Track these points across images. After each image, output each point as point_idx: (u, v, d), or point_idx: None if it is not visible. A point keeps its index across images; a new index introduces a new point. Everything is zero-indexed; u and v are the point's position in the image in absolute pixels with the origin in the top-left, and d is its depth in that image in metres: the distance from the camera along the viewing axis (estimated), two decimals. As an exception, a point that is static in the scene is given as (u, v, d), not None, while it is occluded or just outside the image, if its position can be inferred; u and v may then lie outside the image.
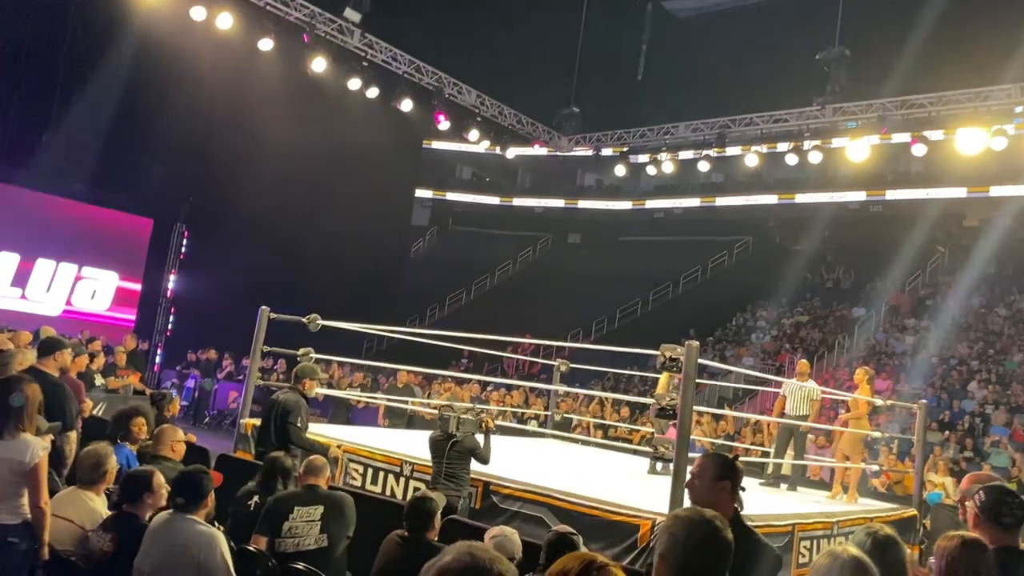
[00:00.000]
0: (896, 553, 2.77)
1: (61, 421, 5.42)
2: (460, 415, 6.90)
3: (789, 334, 23.70)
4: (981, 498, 3.20)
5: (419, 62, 17.28)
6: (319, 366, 8.56)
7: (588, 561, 1.77)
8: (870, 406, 9.75)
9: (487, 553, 1.59)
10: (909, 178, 26.62)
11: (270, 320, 9.32)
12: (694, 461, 3.77)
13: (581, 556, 1.82)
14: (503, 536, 4.39)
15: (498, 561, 1.57)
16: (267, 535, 5.03)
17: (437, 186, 33.94)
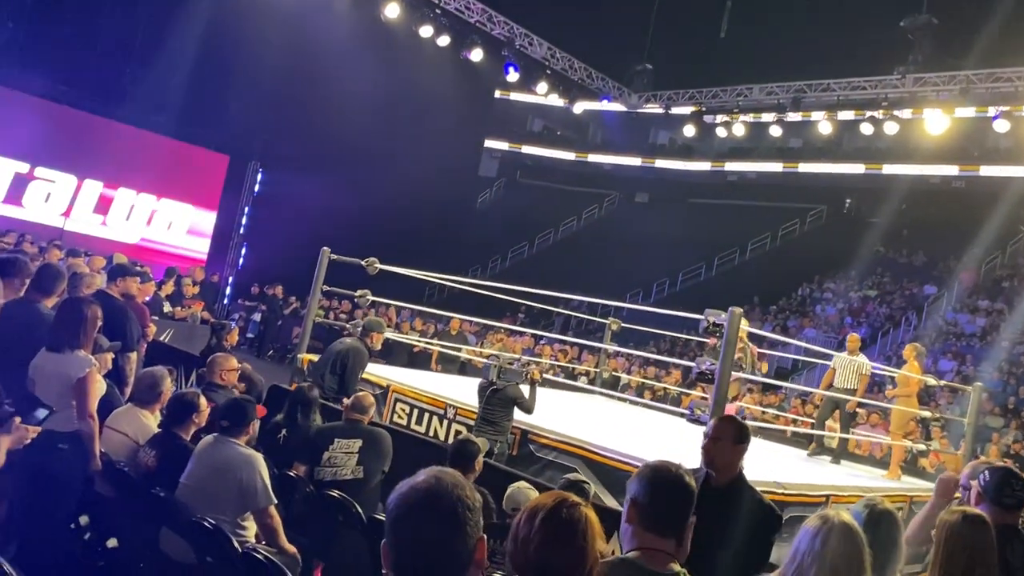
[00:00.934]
0: (890, 529, 2.83)
1: (122, 342, 5.77)
2: (503, 365, 7.10)
3: (855, 308, 23.22)
4: (986, 478, 3.22)
5: (491, 11, 17.21)
6: (382, 318, 8.84)
7: (560, 499, 1.91)
8: (919, 383, 9.61)
9: (452, 478, 1.74)
10: (997, 154, 25.46)
11: (333, 261, 9.64)
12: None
13: (555, 494, 1.96)
14: (515, 488, 4.58)
15: (460, 487, 1.72)
16: (307, 463, 5.34)
17: (507, 137, 33.86)
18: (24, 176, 17.61)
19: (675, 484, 2.37)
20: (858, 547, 2.45)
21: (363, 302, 11.46)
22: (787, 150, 29.11)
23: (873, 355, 19.48)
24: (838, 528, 2.50)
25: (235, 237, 21.50)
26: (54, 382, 4.37)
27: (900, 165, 26.17)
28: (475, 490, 1.81)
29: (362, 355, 7.71)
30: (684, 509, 2.35)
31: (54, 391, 4.29)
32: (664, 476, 2.38)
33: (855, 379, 9.33)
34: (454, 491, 1.71)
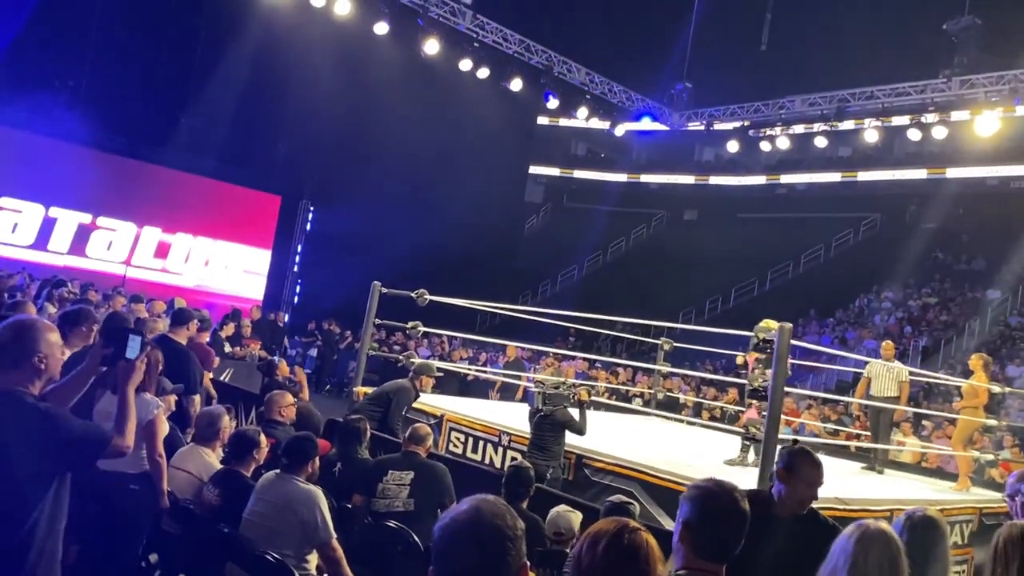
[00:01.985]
0: (930, 537, 2.77)
1: (184, 384, 5.97)
2: (548, 390, 7.13)
3: (915, 317, 22.67)
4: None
5: (528, 41, 17.45)
6: (432, 361, 8.98)
7: (622, 525, 1.94)
8: (987, 394, 9.35)
9: (493, 507, 1.79)
10: (1055, 152, 24.75)
11: (384, 294, 9.82)
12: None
13: (615, 520, 1.99)
14: (556, 512, 4.59)
15: (500, 516, 1.77)
16: (364, 494, 5.43)
17: (552, 163, 34.06)
18: (87, 226, 18.34)
19: (728, 510, 2.31)
20: (893, 555, 2.42)
21: (415, 333, 11.61)
22: (839, 159, 28.71)
23: (936, 365, 18.98)
24: (874, 535, 2.48)
25: (290, 275, 21.98)
26: None
27: (958, 168, 25.60)
28: (522, 516, 1.85)
29: (408, 394, 7.98)
30: (737, 536, 2.29)
31: None
32: (716, 500, 2.32)
33: (894, 386, 9.17)
34: (494, 520, 1.76)
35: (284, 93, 19.25)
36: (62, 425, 2.79)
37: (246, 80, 18.08)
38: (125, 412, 3.04)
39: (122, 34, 16.70)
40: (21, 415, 2.74)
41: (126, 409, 3.05)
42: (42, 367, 2.86)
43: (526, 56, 17.55)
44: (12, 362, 2.82)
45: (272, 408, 5.91)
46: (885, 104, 17.39)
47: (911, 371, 9.78)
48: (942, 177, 26.25)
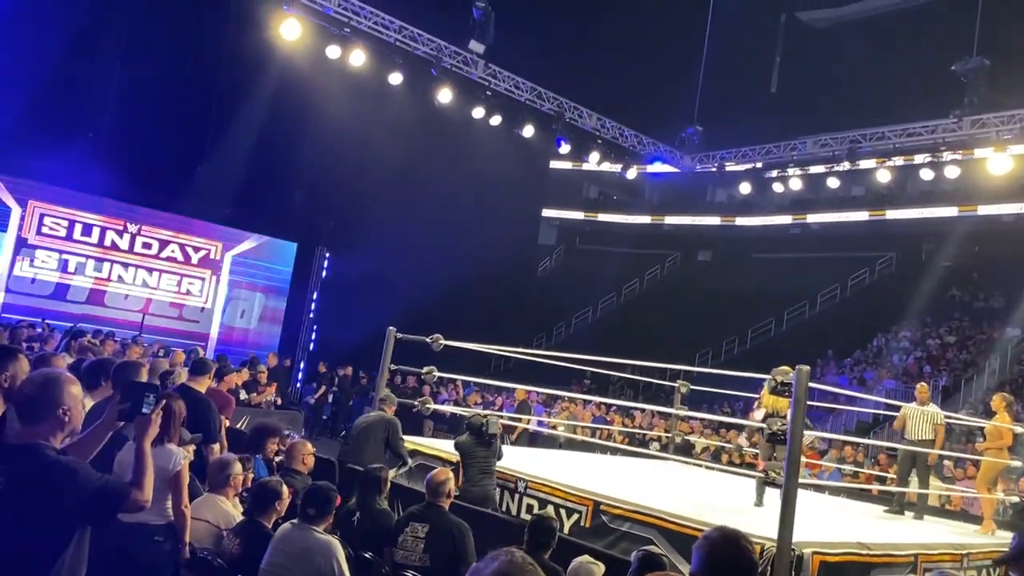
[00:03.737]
0: None
1: (205, 434, 5.99)
2: (487, 418, 7.74)
3: (934, 356, 22.45)
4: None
5: (540, 88, 17.70)
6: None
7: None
8: (1011, 435, 9.22)
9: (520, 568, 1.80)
10: (1072, 188, 24.66)
11: (399, 339, 9.86)
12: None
13: None
14: (578, 563, 4.54)
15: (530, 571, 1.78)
16: (388, 544, 5.39)
17: (564, 205, 34.28)
18: (105, 276, 18.56)
19: (735, 560, 2.33)
20: None
21: (429, 379, 11.62)
22: (852, 199, 28.67)
23: (957, 404, 18.75)
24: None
25: (306, 321, 22.10)
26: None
27: (971, 206, 25.53)
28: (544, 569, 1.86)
29: (396, 421, 8.52)
30: None
31: None
32: (722, 550, 2.34)
33: (929, 429, 9.04)
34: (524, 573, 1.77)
35: (300, 142, 19.59)
36: (82, 480, 2.81)
37: (262, 129, 18.43)
38: (142, 466, 3.06)
39: (141, 84, 17.08)
40: (43, 469, 2.77)
41: (143, 463, 3.07)
42: (65, 420, 2.90)
43: (538, 103, 17.80)
44: (37, 415, 2.86)
45: (294, 456, 5.92)
46: (897, 144, 17.47)
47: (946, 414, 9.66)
48: (956, 215, 26.16)
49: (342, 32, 14.89)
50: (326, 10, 14.67)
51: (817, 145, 19.03)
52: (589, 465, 10.28)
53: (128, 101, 17.19)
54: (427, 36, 15.93)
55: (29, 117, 15.63)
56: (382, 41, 15.46)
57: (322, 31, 14.82)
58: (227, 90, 18.08)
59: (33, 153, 16.32)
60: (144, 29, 17.08)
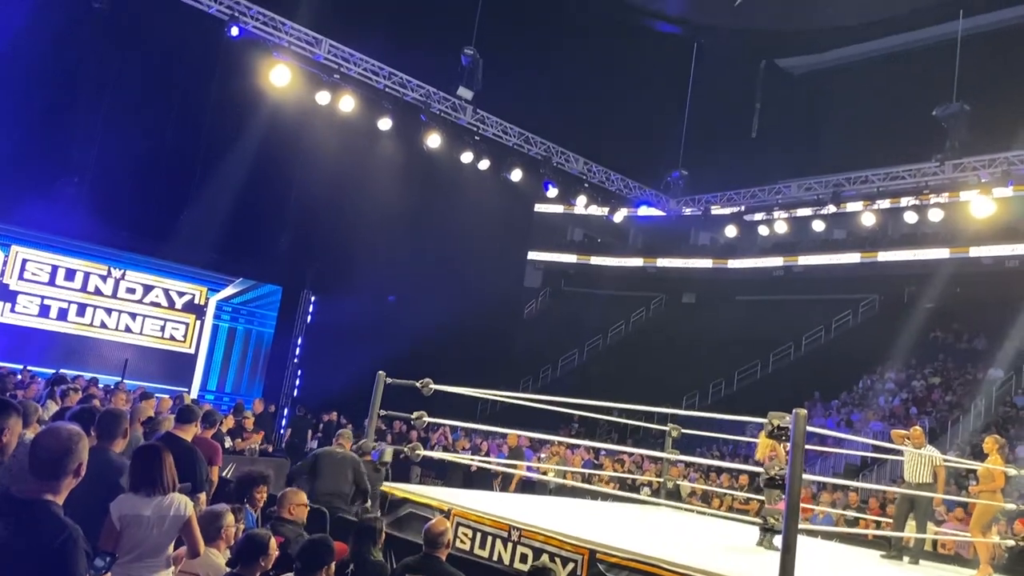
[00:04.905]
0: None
1: (192, 483, 5.85)
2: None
3: (920, 397, 22.51)
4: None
5: (528, 134, 17.89)
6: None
7: None
8: (1003, 477, 9.18)
9: None
10: (1049, 230, 25.08)
11: (387, 384, 9.72)
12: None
13: None
14: None
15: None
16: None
17: (549, 248, 34.40)
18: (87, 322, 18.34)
19: None
20: None
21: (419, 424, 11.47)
22: (836, 242, 28.94)
23: (945, 446, 18.75)
24: None
25: (290, 366, 21.87)
26: (155, 526, 4.41)
27: (953, 249, 25.84)
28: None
29: (358, 458, 8.62)
30: None
31: (152, 534, 4.34)
32: None
33: (927, 473, 8.97)
34: None
35: (287, 186, 19.58)
36: (77, 556, 2.76)
37: (249, 173, 18.38)
38: None
39: (127, 129, 17.02)
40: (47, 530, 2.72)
41: None
42: (77, 477, 2.91)
43: (525, 148, 17.96)
44: (55, 473, 2.84)
45: (284, 505, 5.77)
46: (880, 188, 17.73)
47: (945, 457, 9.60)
48: (938, 257, 26.46)
49: (332, 78, 15.01)
50: (316, 57, 14.80)
51: (802, 188, 19.27)
52: (581, 511, 10.13)
53: (113, 146, 17.13)
54: (416, 82, 16.08)
55: (14, 162, 15.54)
56: (372, 87, 15.60)
57: (312, 77, 14.93)
58: (214, 135, 18.08)
59: (17, 198, 16.18)
60: (131, 74, 17.09)
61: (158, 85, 17.21)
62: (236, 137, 18.06)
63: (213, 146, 18.42)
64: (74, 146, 17.27)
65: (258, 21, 14.70)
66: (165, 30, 15.63)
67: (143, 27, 15.85)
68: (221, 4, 14.41)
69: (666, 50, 20.97)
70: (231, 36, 14.28)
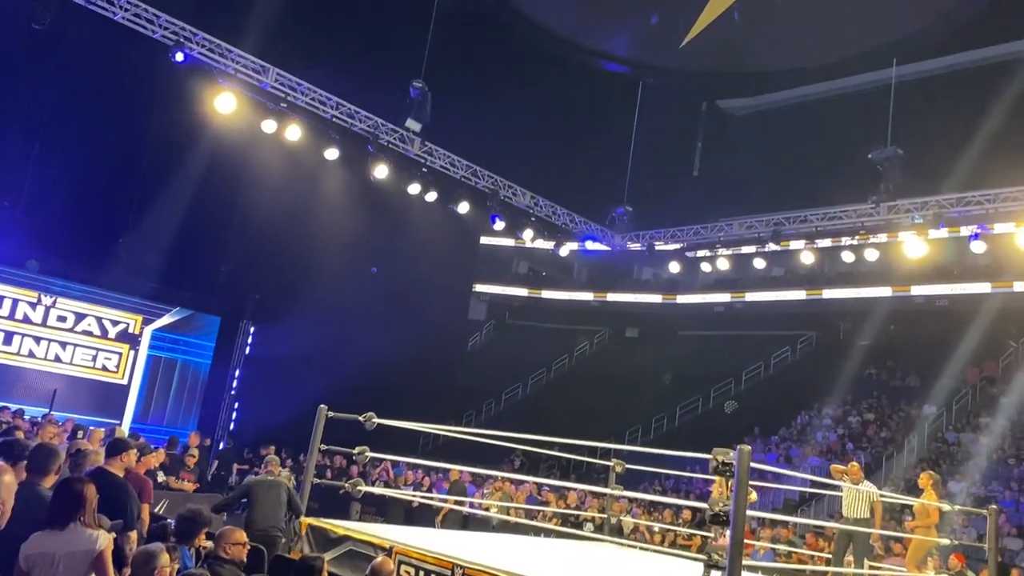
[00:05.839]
0: None
1: (122, 520, 5.60)
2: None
3: (856, 433, 22.97)
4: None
5: (475, 167, 17.96)
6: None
7: None
8: (938, 513, 9.38)
9: None
10: (976, 271, 25.95)
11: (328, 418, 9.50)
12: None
13: None
14: None
15: None
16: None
17: (494, 281, 34.38)
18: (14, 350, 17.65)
19: None
20: None
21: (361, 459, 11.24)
22: (791, 278, 29.21)
23: (880, 481, 19.11)
24: None
25: (226, 398, 21.34)
26: (63, 562, 4.21)
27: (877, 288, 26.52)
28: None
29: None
30: None
31: (58, 572, 4.14)
32: None
33: (866, 508, 9.11)
34: None
35: (230, 213, 19.26)
36: None
37: (191, 200, 18.02)
38: None
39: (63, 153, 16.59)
40: None
41: None
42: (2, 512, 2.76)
43: (473, 180, 18.02)
44: None
45: (220, 544, 5.56)
46: (818, 227, 18.23)
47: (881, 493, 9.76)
48: (880, 295, 27.13)
49: (278, 107, 14.87)
50: (263, 85, 14.66)
51: (743, 227, 19.68)
52: (526, 548, 10.02)
53: (49, 170, 16.64)
54: (364, 113, 16.03)
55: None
56: (319, 117, 15.50)
57: (258, 105, 14.77)
58: (156, 161, 17.71)
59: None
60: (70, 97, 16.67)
61: (99, 109, 16.79)
62: (178, 164, 17.72)
63: (154, 172, 18.03)
64: (6, 169, 16.73)
65: (204, 47, 14.52)
66: (108, 53, 15.32)
67: (85, 50, 15.51)
68: (166, 29, 14.20)
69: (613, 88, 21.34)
70: (176, 61, 14.06)
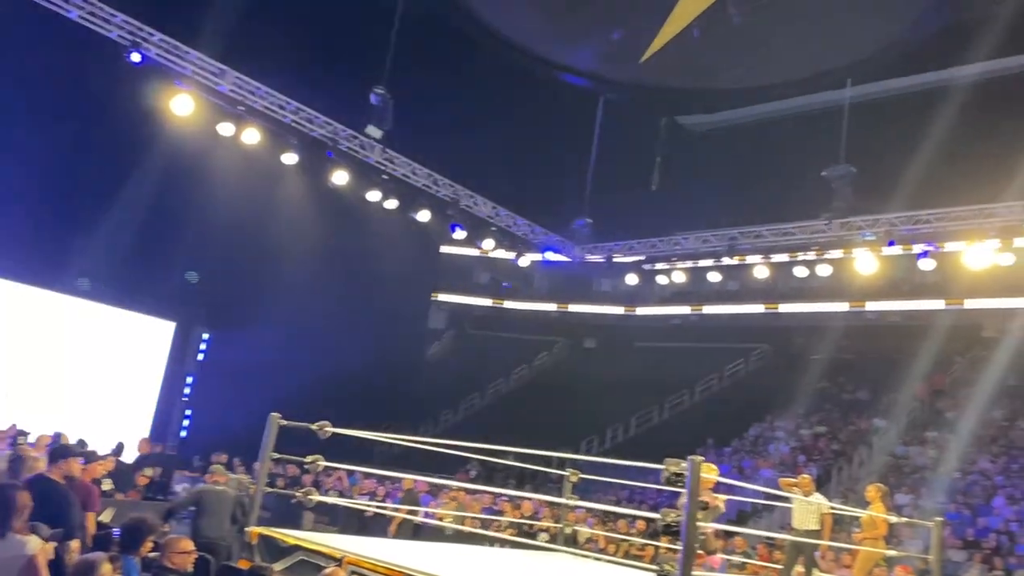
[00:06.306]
0: None
1: (63, 529, 5.47)
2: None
3: (807, 446, 23.31)
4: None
5: (436, 175, 17.95)
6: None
7: None
8: (886, 525, 9.54)
9: None
10: (925, 288, 26.56)
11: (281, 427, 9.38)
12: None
13: None
14: None
15: None
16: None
17: (455, 290, 34.33)
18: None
19: None
20: None
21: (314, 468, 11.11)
22: (745, 292, 29.63)
23: (829, 493, 19.41)
24: None
25: (179, 405, 20.98)
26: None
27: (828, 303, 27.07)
28: None
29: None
30: None
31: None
32: None
33: (815, 520, 9.24)
34: None
35: (185, 218, 18.93)
36: None
37: (145, 204, 17.69)
38: None
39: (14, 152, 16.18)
40: None
41: None
42: None
43: (433, 189, 18.00)
44: None
45: (165, 553, 5.45)
46: (772, 243, 18.56)
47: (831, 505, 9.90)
48: (826, 311, 27.67)
49: (236, 110, 14.71)
50: (220, 88, 14.49)
51: (699, 241, 19.94)
52: (479, 558, 9.99)
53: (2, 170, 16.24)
54: (324, 119, 15.94)
55: None
56: (277, 121, 15.37)
57: (215, 108, 14.60)
58: (110, 163, 17.34)
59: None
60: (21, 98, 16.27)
61: (51, 109, 16.41)
62: (133, 166, 17.39)
63: (108, 175, 17.67)
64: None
65: (161, 48, 14.33)
66: (62, 53, 14.99)
67: (38, 50, 15.17)
68: (122, 29, 13.99)
69: (574, 101, 21.46)
70: (132, 62, 13.84)
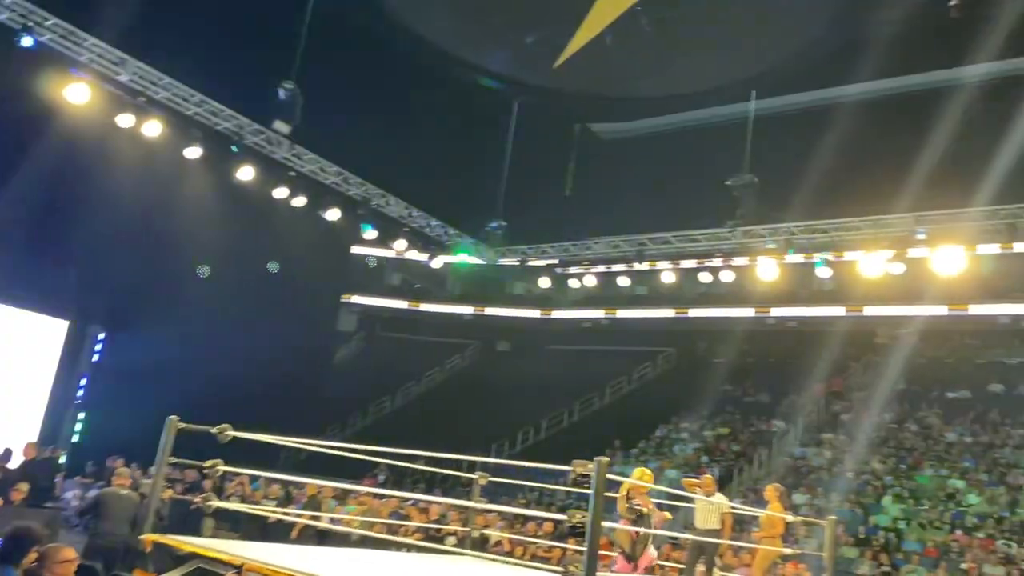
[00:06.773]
0: None
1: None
2: None
3: (710, 447, 23.92)
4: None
5: (346, 173, 17.67)
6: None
7: None
8: (783, 524, 9.84)
9: None
10: (822, 295, 27.68)
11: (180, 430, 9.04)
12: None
13: None
14: None
15: None
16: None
17: (365, 291, 33.86)
18: None
19: None
20: None
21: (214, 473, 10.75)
22: (652, 297, 30.12)
23: (731, 494, 19.96)
24: None
25: (71, 408, 20.02)
26: None
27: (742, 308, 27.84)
28: None
29: None
30: None
31: None
32: None
33: (716, 519, 9.45)
34: None
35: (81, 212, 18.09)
36: None
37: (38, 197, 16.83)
38: None
39: None
40: None
41: None
42: None
43: (344, 187, 17.71)
44: None
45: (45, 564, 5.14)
46: (678, 249, 19.01)
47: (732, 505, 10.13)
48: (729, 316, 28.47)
49: (136, 101, 14.13)
50: (120, 77, 13.89)
51: (610, 246, 20.25)
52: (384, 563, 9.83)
53: None
54: (229, 112, 15.48)
55: None
56: (179, 114, 14.84)
57: (114, 97, 13.99)
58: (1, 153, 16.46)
59: None
60: None
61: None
62: (23, 157, 16.49)
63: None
64: None
65: (55, 33, 13.65)
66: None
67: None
68: (13, 11, 13.25)
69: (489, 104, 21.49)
70: (22, 47, 13.13)
